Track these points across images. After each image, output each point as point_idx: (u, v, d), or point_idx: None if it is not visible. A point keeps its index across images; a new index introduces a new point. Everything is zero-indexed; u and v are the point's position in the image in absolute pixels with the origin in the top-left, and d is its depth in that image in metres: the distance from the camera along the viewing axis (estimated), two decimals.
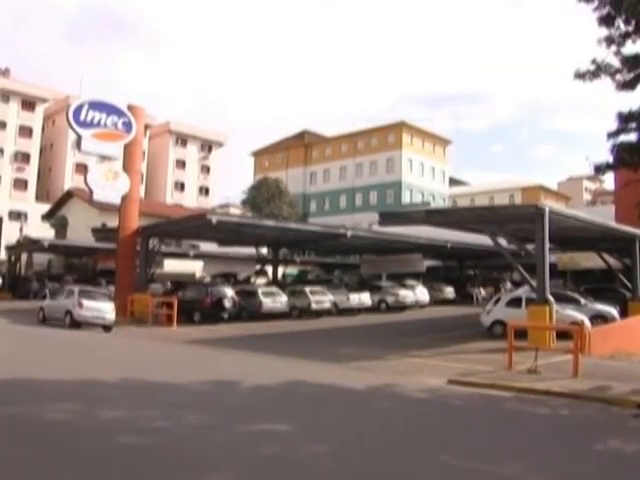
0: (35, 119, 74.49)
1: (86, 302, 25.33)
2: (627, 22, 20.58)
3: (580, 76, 21.44)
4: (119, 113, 31.85)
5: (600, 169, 23.70)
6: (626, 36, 20.80)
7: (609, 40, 20.87)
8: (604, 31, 21.11)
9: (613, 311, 24.12)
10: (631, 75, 21.22)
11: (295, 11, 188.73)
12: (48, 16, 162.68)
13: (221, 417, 9.42)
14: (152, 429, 8.27)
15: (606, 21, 20.86)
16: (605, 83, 21.50)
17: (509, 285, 41.47)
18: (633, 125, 22.42)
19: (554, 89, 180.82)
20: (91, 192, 31.22)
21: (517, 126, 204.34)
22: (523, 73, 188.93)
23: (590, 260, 33.85)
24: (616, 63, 21.17)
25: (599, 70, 21.18)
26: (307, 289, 33.92)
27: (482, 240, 26.25)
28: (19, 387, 11.04)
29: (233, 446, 7.56)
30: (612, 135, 22.77)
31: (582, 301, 24.21)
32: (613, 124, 23.06)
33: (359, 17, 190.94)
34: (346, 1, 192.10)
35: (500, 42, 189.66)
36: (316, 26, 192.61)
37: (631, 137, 23.01)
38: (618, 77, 21.32)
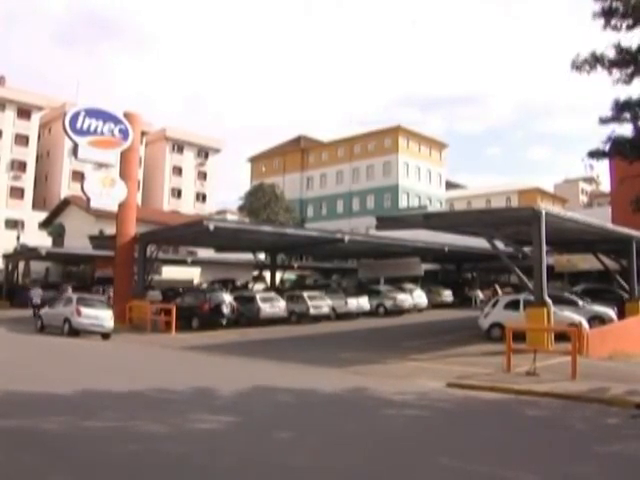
0: (31, 127, 74.43)
1: (84, 310, 25.27)
2: (625, 15, 20.56)
3: (577, 67, 21.40)
4: (115, 120, 31.86)
5: (594, 154, 23.60)
6: (624, 17, 20.70)
7: (606, 17, 20.70)
8: (600, 17, 21.05)
9: (610, 312, 24.17)
10: (629, 70, 21.18)
11: (290, 16, 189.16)
12: (38, 22, 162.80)
13: (221, 424, 9.44)
14: (152, 437, 8.28)
15: None
16: (602, 82, 21.58)
17: (498, 288, 41.31)
18: (627, 115, 22.34)
19: (550, 91, 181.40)
20: (88, 199, 31.19)
21: (513, 128, 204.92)
22: (518, 75, 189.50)
23: (587, 262, 33.93)
24: (613, 55, 21.14)
25: (596, 61, 21.11)
26: (305, 294, 33.91)
27: (480, 243, 26.27)
28: (19, 398, 11.02)
29: (239, 453, 7.58)
30: (605, 121, 22.68)
31: (580, 303, 24.24)
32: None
33: (353, 21, 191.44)
34: (340, 5, 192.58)
35: (494, 44, 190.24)
36: (310, 30, 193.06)
37: (625, 129, 22.98)
38: (615, 70, 21.27)
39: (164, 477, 6.56)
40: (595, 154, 23.28)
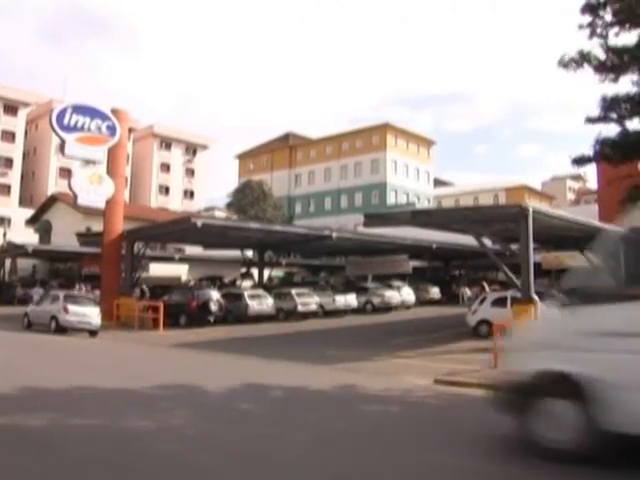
0: (18, 123, 74.06)
1: (71, 307, 25.18)
2: (614, 15, 20.68)
3: (564, 65, 21.47)
4: (103, 117, 31.71)
5: (579, 161, 23.70)
6: (609, 26, 20.86)
7: (592, 28, 20.86)
8: (586, 21, 21.19)
9: None
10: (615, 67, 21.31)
11: (279, 13, 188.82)
12: (25, 18, 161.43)
13: (210, 421, 9.42)
14: (140, 434, 8.26)
15: (590, 9, 20.93)
16: (590, 80, 21.68)
17: (485, 285, 41.52)
18: (614, 115, 22.49)
19: (539, 88, 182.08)
20: (75, 196, 31.05)
21: (501, 126, 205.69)
22: (507, 73, 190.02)
23: (574, 259, 34.06)
24: (600, 55, 21.27)
25: (583, 59, 21.21)
26: (293, 291, 33.95)
27: (468, 240, 26.33)
28: (4, 395, 10.95)
29: (228, 450, 7.57)
30: (592, 121, 22.79)
31: None
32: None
33: (342, 19, 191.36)
34: (329, 4, 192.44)
35: (483, 42, 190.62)
36: (299, 28, 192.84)
37: (611, 129, 23.11)
38: (601, 69, 21.39)
39: (152, 475, 6.54)
40: (580, 160, 23.39)
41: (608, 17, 20.74)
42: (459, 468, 6.92)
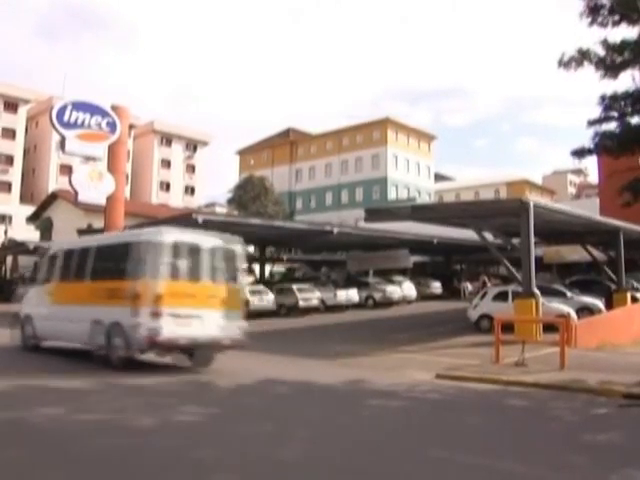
0: (18, 121, 73.96)
1: None
2: (612, 12, 20.61)
3: (564, 64, 21.39)
4: (103, 113, 31.63)
5: (578, 153, 23.62)
6: (611, 12, 20.72)
7: (592, 15, 20.71)
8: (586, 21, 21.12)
9: (599, 303, 24.29)
10: (615, 61, 21.23)
11: (279, 10, 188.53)
12: (21, 15, 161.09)
13: (207, 417, 9.40)
14: (140, 430, 8.22)
15: (591, 11, 20.87)
16: (590, 73, 21.41)
17: (486, 279, 41.50)
18: (615, 114, 22.47)
19: (538, 82, 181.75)
20: (76, 193, 31.01)
21: (499, 120, 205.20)
22: (505, 66, 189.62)
23: (575, 253, 34.09)
24: (600, 51, 21.19)
25: (583, 58, 21.14)
26: (294, 287, 33.93)
27: (469, 235, 26.30)
28: (3, 390, 10.94)
29: (226, 445, 7.55)
30: (593, 123, 22.78)
31: (568, 294, 24.35)
32: (596, 114, 23.09)
33: (340, 14, 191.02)
34: (331, 1, 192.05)
35: (480, 36, 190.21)
36: (298, 24, 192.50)
37: (612, 126, 23.08)
38: (601, 66, 21.32)
39: (151, 471, 6.52)
40: (580, 152, 23.34)
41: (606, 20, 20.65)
42: (462, 464, 6.89)
